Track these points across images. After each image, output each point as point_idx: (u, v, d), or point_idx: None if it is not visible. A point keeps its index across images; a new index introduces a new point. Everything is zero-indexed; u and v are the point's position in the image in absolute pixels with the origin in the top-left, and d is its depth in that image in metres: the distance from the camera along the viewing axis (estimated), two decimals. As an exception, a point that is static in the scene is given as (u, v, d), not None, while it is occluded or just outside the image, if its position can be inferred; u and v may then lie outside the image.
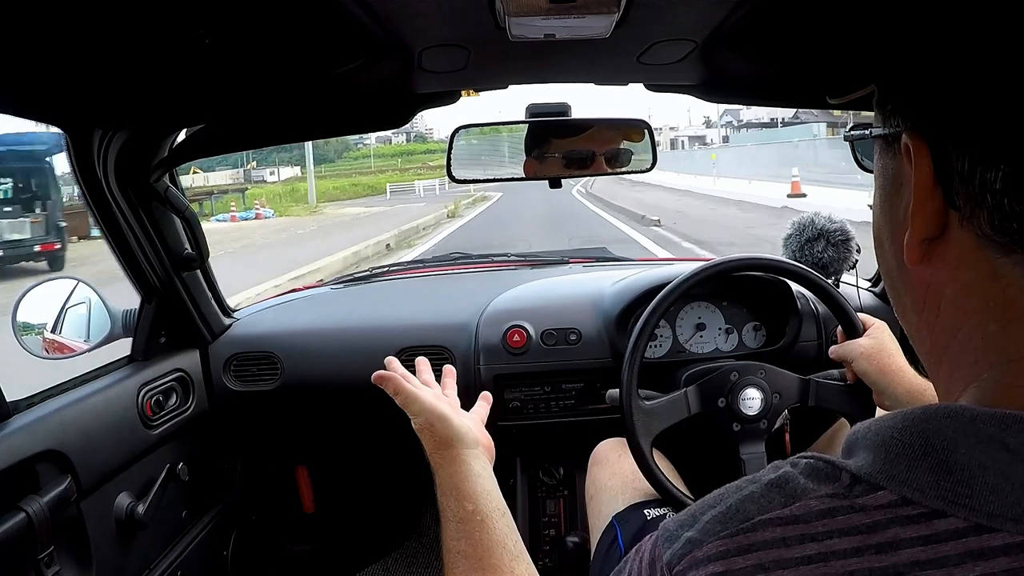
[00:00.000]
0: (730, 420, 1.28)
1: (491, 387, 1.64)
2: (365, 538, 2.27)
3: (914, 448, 0.37)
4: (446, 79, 1.21)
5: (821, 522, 0.37)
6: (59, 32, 0.80)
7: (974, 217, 0.37)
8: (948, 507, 0.34)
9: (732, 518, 0.39)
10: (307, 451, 2.05)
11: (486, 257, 2.33)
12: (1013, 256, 0.37)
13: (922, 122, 0.39)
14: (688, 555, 0.39)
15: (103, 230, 1.33)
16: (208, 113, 1.28)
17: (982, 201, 0.36)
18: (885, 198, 0.45)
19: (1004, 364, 0.38)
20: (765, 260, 1.38)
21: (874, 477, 0.37)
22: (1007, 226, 0.36)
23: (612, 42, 0.96)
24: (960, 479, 0.35)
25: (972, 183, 0.37)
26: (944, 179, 0.38)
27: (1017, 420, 0.35)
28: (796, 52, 1.04)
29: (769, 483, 0.40)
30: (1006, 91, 0.35)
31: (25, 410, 1.11)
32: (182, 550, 1.50)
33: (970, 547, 0.34)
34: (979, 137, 0.36)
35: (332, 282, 2.12)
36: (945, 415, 0.37)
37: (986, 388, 0.39)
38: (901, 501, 0.36)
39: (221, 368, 1.66)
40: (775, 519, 0.38)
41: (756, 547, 0.37)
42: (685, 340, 1.67)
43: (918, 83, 0.40)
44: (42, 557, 1.03)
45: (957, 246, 0.39)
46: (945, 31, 0.38)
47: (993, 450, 0.35)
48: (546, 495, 1.91)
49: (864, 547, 0.35)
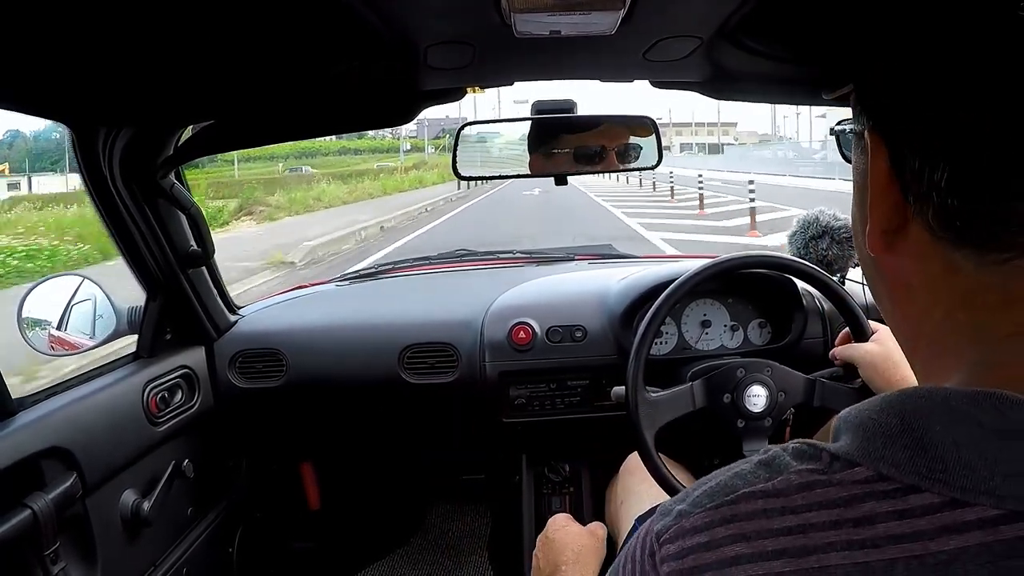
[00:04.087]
0: (735, 416, 1.28)
1: (496, 384, 1.65)
2: (370, 535, 2.28)
3: (891, 427, 0.38)
4: (452, 76, 1.21)
5: (800, 495, 0.38)
6: (64, 29, 0.80)
7: (923, 213, 0.39)
8: (923, 482, 0.35)
9: (719, 492, 0.41)
10: (312, 448, 2.06)
11: (491, 254, 2.33)
12: (963, 250, 0.39)
13: (880, 120, 0.42)
14: (676, 525, 0.41)
15: (108, 227, 1.33)
16: (214, 110, 1.28)
17: (929, 198, 0.38)
18: (858, 191, 0.47)
19: (982, 347, 0.40)
20: (771, 258, 1.37)
21: (851, 455, 0.38)
22: (951, 223, 0.38)
23: (618, 38, 0.96)
24: (935, 455, 0.36)
25: (921, 181, 0.39)
26: (900, 176, 0.40)
27: (989, 397, 0.36)
28: (802, 48, 1.04)
29: (758, 462, 0.42)
30: (951, 94, 0.37)
31: (30, 407, 1.11)
32: (187, 547, 1.50)
33: (944, 522, 0.34)
34: (926, 138, 0.38)
35: (337, 279, 2.12)
36: (920, 395, 0.38)
37: (972, 369, 0.40)
38: (877, 477, 0.37)
39: (226, 365, 1.67)
40: (758, 492, 0.39)
41: (739, 518, 0.39)
42: (690, 337, 1.67)
43: (878, 84, 0.42)
44: (48, 554, 1.04)
45: (916, 239, 0.41)
46: (903, 37, 0.40)
47: (967, 427, 0.36)
48: (551, 492, 1.91)
49: (841, 520, 0.36)
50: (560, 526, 1.11)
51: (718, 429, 1.30)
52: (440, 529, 2.37)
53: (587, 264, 2.12)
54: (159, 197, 1.36)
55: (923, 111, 0.38)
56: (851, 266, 1.67)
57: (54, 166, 50.35)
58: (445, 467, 2.28)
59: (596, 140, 1.39)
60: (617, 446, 1.56)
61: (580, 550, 1.06)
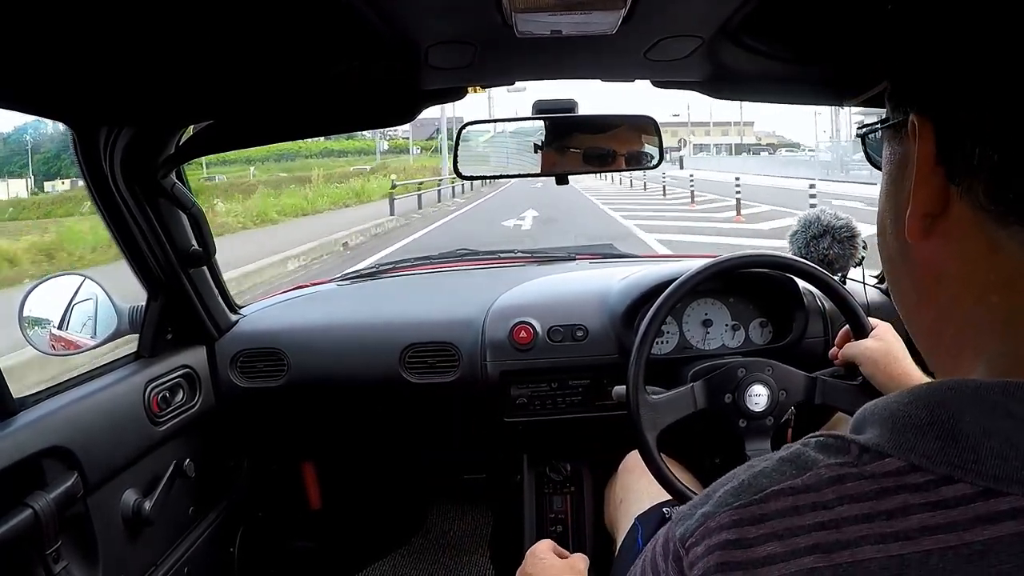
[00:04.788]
0: (736, 416, 1.28)
1: (497, 383, 1.65)
2: (371, 535, 2.28)
3: (920, 419, 0.37)
4: (453, 75, 1.21)
5: (831, 488, 0.38)
6: (65, 29, 0.80)
7: (972, 191, 0.39)
8: (955, 472, 0.35)
9: (745, 491, 0.40)
10: (313, 448, 2.06)
11: (493, 253, 2.33)
12: (1009, 228, 0.38)
13: (928, 105, 0.41)
14: (702, 527, 0.40)
15: (109, 226, 1.33)
16: (216, 110, 1.28)
17: (980, 175, 0.38)
18: (891, 182, 0.47)
19: (1010, 337, 0.39)
20: (773, 257, 1.37)
21: (881, 446, 0.38)
22: (1003, 195, 0.38)
23: (619, 38, 0.96)
24: (966, 445, 0.35)
25: (972, 159, 0.38)
26: (946, 157, 0.40)
27: (1019, 387, 0.36)
28: (803, 48, 1.04)
29: (781, 458, 0.41)
30: (1004, 77, 0.37)
31: (32, 406, 1.11)
32: (188, 546, 1.50)
33: (978, 512, 0.34)
34: (980, 119, 0.38)
35: (339, 278, 2.12)
36: (949, 387, 0.38)
37: (995, 361, 0.40)
38: (909, 468, 0.36)
39: (228, 365, 1.67)
40: (786, 489, 0.39)
41: (769, 516, 0.38)
42: (692, 337, 1.67)
43: (925, 71, 0.42)
44: (49, 553, 1.04)
45: (957, 221, 0.41)
46: (953, 24, 0.40)
47: (998, 417, 0.35)
48: (553, 491, 1.91)
49: (874, 513, 0.36)
50: (538, 559, 1.01)
51: (720, 429, 1.30)
52: (441, 529, 2.37)
53: (588, 264, 2.12)
54: (160, 196, 1.36)
55: (975, 90, 0.38)
56: (852, 265, 1.67)
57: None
58: (446, 467, 2.28)
59: (600, 139, 1.39)
60: (618, 445, 1.56)
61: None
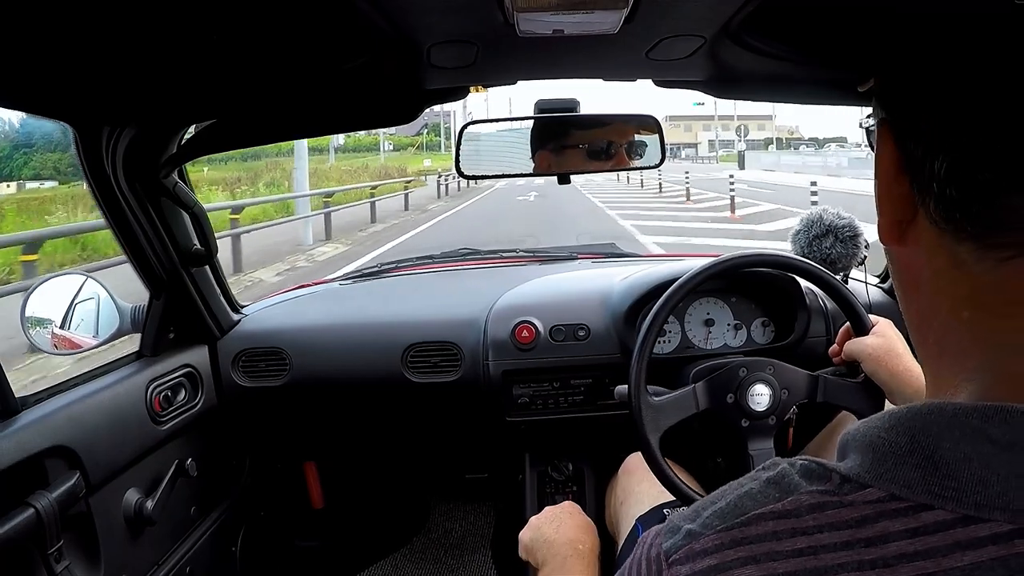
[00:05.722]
0: (739, 416, 1.27)
1: (499, 383, 1.65)
2: (373, 534, 2.28)
3: (900, 446, 0.37)
4: (455, 75, 1.21)
5: (811, 516, 0.38)
6: (67, 28, 0.80)
7: (925, 204, 0.40)
8: (935, 500, 0.35)
9: (730, 513, 0.40)
10: (316, 447, 2.06)
11: (494, 253, 2.33)
12: (964, 244, 0.38)
13: (889, 111, 0.43)
14: (686, 547, 0.40)
15: (111, 226, 1.33)
16: (217, 109, 1.28)
17: (930, 188, 0.39)
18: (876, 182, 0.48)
19: (985, 354, 0.39)
20: (774, 257, 1.37)
21: (862, 477, 0.38)
22: (951, 215, 0.38)
23: (621, 38, 0.95)
24: (946, 473, 0.35)
25: (923, 171, 0.39)
26: (908, 166, 0.41)
27: (998, 411, 0.36)
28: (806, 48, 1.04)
29: (767, 480, 0.41)
30: (951, 85, 0.38)
31: (33, 406, 1.11)
32: (190, 546, 1.50)
33: (957, 538, 0.34)
34: (927, 127, 0.39)
35: (341, 278, 2.13)
36: (929, 411, 0.38)
37: (978, 383, 0.39)
38: (889, 497, 0.37)
39: (230, 364, 1.67)
40: (768, 513, 0.39)
41: (748, 540, 0.38)
42: (694, 336, 1.67)
43: (889, 77, 0.43)
44: (51, 552, 1.04)
45: (924, 231, 0.41)
46: (910, 33, 0.41)
47: (977, 442, 0.35)
48: (555, 491, 1.91)
49: (853, 541, 0.36)
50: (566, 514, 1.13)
51: (722, 429, 1.30)
52: (443, 528, 2.37)
53: (590, 263, 2.12)
54: (162, 196, 1.36)
55: (925, 99, 0.39)
56: (854, 265, 1.66)
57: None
58: (448, 466, 2.28)
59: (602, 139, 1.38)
60: (620, 445, 1.56)
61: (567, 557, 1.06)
